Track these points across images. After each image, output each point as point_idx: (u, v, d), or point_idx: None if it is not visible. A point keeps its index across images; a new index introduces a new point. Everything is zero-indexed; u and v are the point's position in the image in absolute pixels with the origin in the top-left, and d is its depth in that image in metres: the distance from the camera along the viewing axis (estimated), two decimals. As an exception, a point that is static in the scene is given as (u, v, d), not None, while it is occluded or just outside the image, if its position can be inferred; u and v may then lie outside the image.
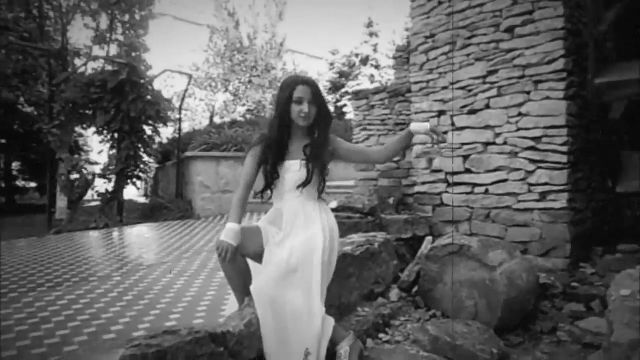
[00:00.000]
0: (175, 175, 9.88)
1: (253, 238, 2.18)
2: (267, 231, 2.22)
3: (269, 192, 2.27)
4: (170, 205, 9.12)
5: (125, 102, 8.56)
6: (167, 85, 15.30)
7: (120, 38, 11.44)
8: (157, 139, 10.06)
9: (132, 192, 12.85)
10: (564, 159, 3.49)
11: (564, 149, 3.49)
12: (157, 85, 10.56)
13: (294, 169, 2.19)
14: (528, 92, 3.65)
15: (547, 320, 2.75)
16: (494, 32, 3.84)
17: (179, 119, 10.78)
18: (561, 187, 3.51)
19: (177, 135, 10.58)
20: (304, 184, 2.17)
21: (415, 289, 3.05)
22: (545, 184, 3.57)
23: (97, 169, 9.94)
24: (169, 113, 10.20)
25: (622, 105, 3.89)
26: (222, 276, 3.76)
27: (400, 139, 2.31)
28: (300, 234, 2.13)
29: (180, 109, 10.82)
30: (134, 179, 9.49)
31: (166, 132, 11.99)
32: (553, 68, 3.53)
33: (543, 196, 3.59)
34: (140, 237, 6.86)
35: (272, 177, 2.21)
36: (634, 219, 4.36)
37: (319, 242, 2.11)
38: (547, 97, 3.55)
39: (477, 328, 2.41)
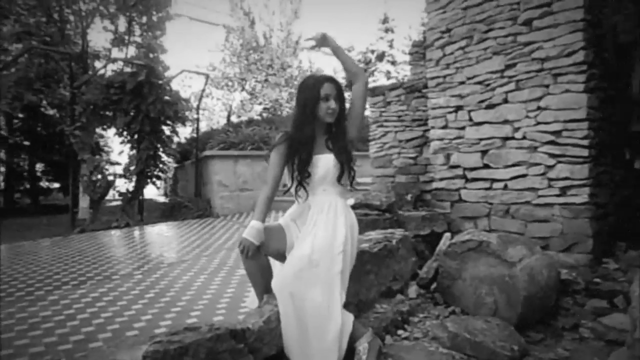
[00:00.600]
0: (194, 175, 9.99)
1: (275, 237, 2.22)
2: (290, 230, 2.26)
3: (300, 195, 2.27)
4: (189, 204, 9.23)
5: (145, 103, 8.68)
6: (184, 86, 15.48)
7: (138, 40, 11.61)
8: (175, 139, 10.17)
9: (153, 192, 13.06)
10: (585, 152, 3.43)
11: (585, 142, 3.43)
12: (175, 85, 10.69)
13: (322, 163, 2.21)
14: (547, 86, 3.60)
15: (569, 316, 2.72)
16: (512, 25, 3.79)
17: (197, 119, 10.89)
18: (582, 182, 3.45)
19: (195, 135, 10.69)
20: (341, 175, 2.20)
21: (434, 285, 3.05)
22: (566, 178, 3.52)
23: (118, 170, 10.12)
24: (187, 113, 10.31)
25: None
26: (242, 274, 3.81)
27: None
28: (322, 230, 2.15)
29: (198, 108, 10.93)
30: (154, 179, 9.62)
31: (184, 132, 12.15)
32: (573, 60, 3.47)
33: (564, 191, 3.54)
34: (161, 235, 6.96)
35: (303, 175, 2.22)
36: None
37: (340, 239, 2.13)
38: (567, 90, 3.49)
39: (497, 325, 2.39)
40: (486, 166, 3.99)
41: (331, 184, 2.23)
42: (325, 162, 2.21)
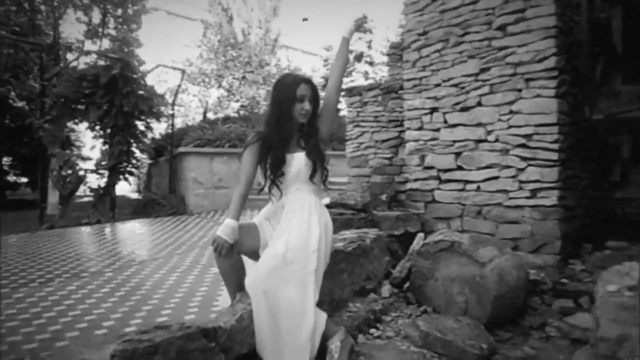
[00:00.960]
0: (168, 171, 9.85)
1: (249, 235, 2.21)
2: (263, 228, 2.25)
3: (274, 194, 2.27)
4: (163, 201, 9.09)
5: (118, 97, 8.51)
6: (160, 81, 15.19)
7: (113, 33, 11.37)
8: (150, 135, 10.01)
9: (125, 188, 12.82)
10: (554, 156, 3.52)
11: (555, 146, 3.52)
12: (150, 80, 10.53)
13: (295, 162, 2.22)
14: (520, 90, 3.68)
15: (536, 316, 2.79)
16: (487, 30, 3.86)
17: (172, 115, 10.74)
18: (552, 185, 3.54)
19: (170, 131, 10.54)
20: (313, 174, 2.21)
21: (406, 285, 3.08)
22: (536, 181, 3.60)
23: (89, 165, 9.89)
24: (162, 109, 10.16)
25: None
26: (215, 272, 3.77)
27: (340, 51, 2.44)
28: (296, 228, 2.15)
29: (173, 104, 10.77)
30: (127, 175, 9.45)
31: (159, 128, 11.95)
32: (545, 66, 3.55)
33: (534, 193, 3.62)
34: (133, 233, 6.83)
35: (276, 173, 2.22)
36: (623, 217, 4.40)
37: (314, 237, 2.14)
38: (539, 95, 3.58)
39: (467, 324, 2.44)
40: (460, 168, 4.06)
41: (304, 183, 2.23)
42: (297, 161, 2.21)
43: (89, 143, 10.29)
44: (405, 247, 3.74)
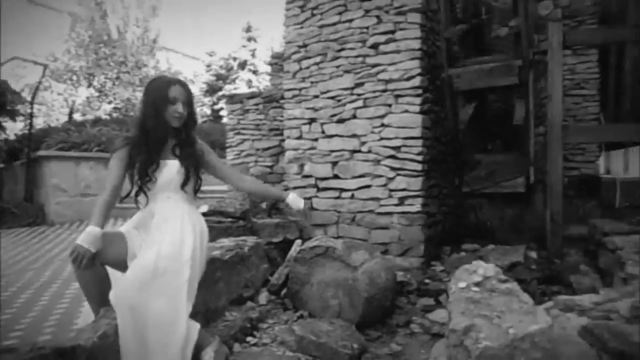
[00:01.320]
0: (24, 177, 8.76)
1: (114, 245, 2.04)
2: (132, 237, 2.10)
3: (140, 201, 2.15)
4: (16, 210, 8.05)
5: (-39, 90, 7.40)
6: (15, 76, 13.44)
7: (-43, 17, 9.87)
8: (2, 135, 8.84)
9: (-31, 196, 11.12)
10: (419, 167, 3.85)
11: (419, 158, 3.85)
12: (3, 75, 9.29)
13: (166, 169, 2.11)
14: (390, 105, 3.97)
15: (402, 314, 3.00)
16: (361, 47, 4.10)
17: (31, 114, 9.61)
18: (416, 193, 3.86)
19: (27, 132, 9.41)
20: (184, 184, 2.11)
21: (284, 291, 3.11)
22: (404, 189, 3.91)
23: None
24: (19, 107, 9.04)
25: (469, 109, 4.41)
26: (77, 287, 3.42)
27: (273, 192, 2.58)
28: (168, 237, 2.04)
29: (32, 102, 9.65)
30: (-29, 180, 8.23)
31: (14, 128, 10.60)
32: (411, 84, 3.89)
33: (402, 201, 3.92)
34: (-23, 247, 5.96)
35: (144, 179, 2.09)
36: (476, 221, 4.97)
37: (188, 247, 2.06)
38: (406, 111, 3.90)
39: (340, 326, 2.53)
40: (336, 177, 4.24)
41: (175, 191, 2.15)
42: (169, 169, 2.12)
43: None
44: (284, 254, 3.77)
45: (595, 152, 5.89)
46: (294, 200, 2.34)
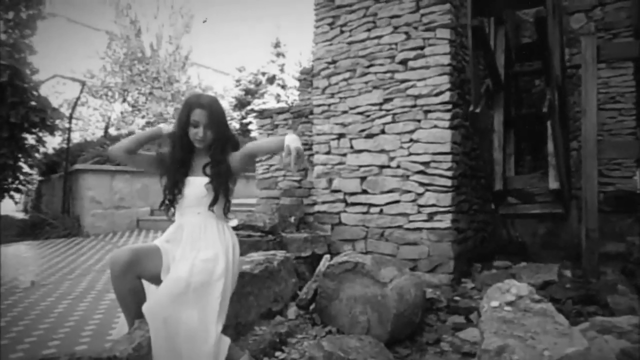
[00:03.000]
0: (62, 189, 9.09)
1: (151, 258, 2.10)
2: (166, 252, 2.16)
3: (172, 208, 2.24)
4: (54, 221, 8.34)
5: (5, 107, 7.76)
6: (55, 92, 13.99)
7: (3, 37, 10.37)
8: (41, 149, 9.21)
9: (9, 207, 11.58)
10: (448, 183, 3.82)
11: (449, 173, 3.82)
12: (44, 91, 9.69)
13: (195, 185, 2.18)
14: (419, 121, 3.96)
15: (432, 332, 2.96)
16: (390, 63, 4.13)
17: (69, 129, 9.99)
18: (446, 209, 3.83)
19: (65, 146, 9.77)
20: (212, 203, 2.16)
21: (312, 306, 3.12)
22: (433, 205, 3.88)
23: (-34, 180, 8.81)
24: (57, 122, 9.41)
25: (500, 138, 4.36)
26: (112, 298, 3.53)
27: (273, 141, 2.28)
28: (202, 252, 2.10)
29: (70, 117, 10.03)
30: (12, 192, 8.57)
31: (53, 142, 11.02)
32: (441, 100, 3.88)
33: (431, 217, 3.89)
34: (18, 257, 6.18)
35: (173, 193, 2.19)
36: (507, 238, 4.87)
37: (220, 261, 2.10)
38: (436, 126, 3.88)
39: (369, 342, 2.52)
40: (364, 192, 4.24)
41: (204, 207, 2.20)
42: (196, 185, 2.18)
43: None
44: (312, 269, 3.79)
45: (632, 167, 5.70)
46: (291, 140, 2.02)
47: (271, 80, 17.32)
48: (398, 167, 4.05)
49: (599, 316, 2.77)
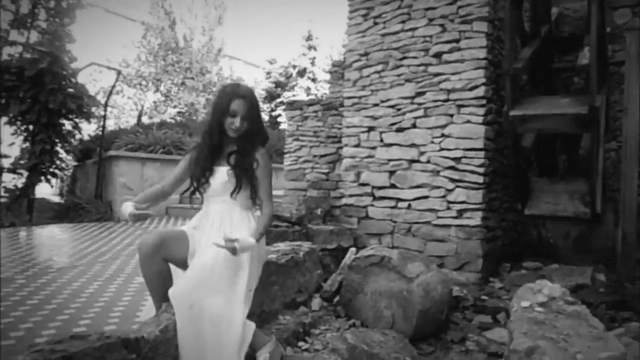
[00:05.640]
0: (95, 175, 9.34)
1: (178, 243, 2.14)
2: (193, 237, 2.19)
3: (199, 195, 2.27)
4: (87, 206, 8.58)
5: (44, 93, 8.00)
6: (92, 80, 14.34)
7: (43, 25, 10.68)
8: (77, 135, 9.48)
9: (46, 191, 11.98)
10: (480, 179, 3.73)
11: (481, 170, 3.74)
12: (81, 79, 9.94)
13: (220, 174, 2.20)
14: (451, 115, 3.88)
15: (457, 330, 2.91)
16: (424, 56, 4.05)
17: (104, 116, 10.24)
18: (476, 206, 3.75)
19: (100, 133, 10.02)
20: (234, 191, 2.18)
21: (337, 298, 3.11)
22: (463, 202, 3.80)
23: (6, 163, 9.13)
24: (93, 109, 9.66)
25: (532, 135, 4.25)
26: (140, 282, 3.61)
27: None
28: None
29: (106, 105, 10.28)
30: (49, 176, 8.86)
31: (88, 129, 11.33)
32: (475, 94, 3.79)
33: (460, 214, 3.81)
34: (52, 238, 6.39)
35: (199, 181, 2.23)
36: (538, 239, 4.74)
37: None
38: (468, 121, 3.80)
39: (393, 337, 2.49)
40: (393, 186, 4.19)
41: (229, 196, 2.21)
42: (221, 174, 2.21)
43: (8, 139, 9.47)
44: (337, 261, 3.78)
45: (675, 170, 5.46)
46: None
47: (302, 73, 17.32)
48: (428, 162, 3.98)
49: (635, 322, 2.67)
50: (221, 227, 2.17)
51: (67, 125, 8.90)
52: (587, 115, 3.43)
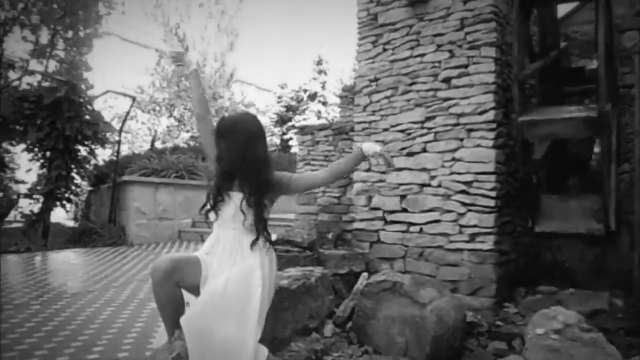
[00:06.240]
0: (109, 199, 9.46)
1: (191, 268, 2.15)
2: (206, 263, 2.20)
3: (213, 215, 2.23)
4: (101, 230, 8.68)
5: (61, 120, 8.20)
6: (108, 106, 14.69)
7: (61, 54, 11.00)
8: (92, 161, 9.65)
9: (60, 215, 12.14)
10: (491, 203, 3.72)
11: (493, 194, 3.73)
12: (97, 105, 10.17)
13: (233, 202, 2.19)
14: (462, 139, 3.90)
15: (472, 357, 2.87)
16: (433, 81, 4.10)
17: (119, 142, 10.42)
18: (489, 230, 3.73)
19: (114, 158, 10.20)
20: (245, 221, 2.18)
21: (349, 324, 3.09)
22: (475, 226, 3.78)
23: (23, 189, 9.30)
24: (108, 134, 9.85)
25: (544, 146, 4.22)
26: (153, 307, 3.62)
27: (350, 158, 2.37)
28: (238, 265, 2.13)
29: (120, 131, 10.48)
30: (64, 201, 9.00)
31: (103, 154, 11.52)
32: (484, 119, 3.81)
33: (472, 237, 3.79)
34: (66, 263, 6.46)
35: (215, 202, 2.21)
36: (553, 262, 4.67)
37: (257, 274, 2.12)
38: (479, 145, 3.81)
39: (406, 364, 2.47)
40: (404, 210, 4.19)
41: (239, 224, 2.20)
42: (233, 202, 2.17)
43: (25, 166, 9.68)
44: (349, 286, 3.76)
45: (691, 191, 5.38)
46: (369, 147, 2.28)
47: (312, 97, 17.54)
48: (439, 186, 3.99)
49: (654, 350, 2.61)
50: (231, 254, 2.18)
51: (83, 151, 9.08)
52: (597, 118, 3.42)
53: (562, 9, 5.25)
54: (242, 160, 2.16)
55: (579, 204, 4.10)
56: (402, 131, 4.26)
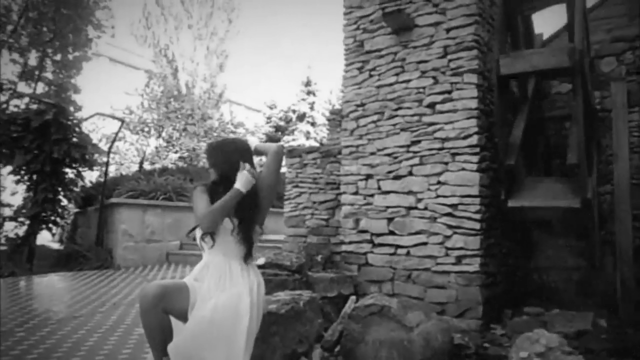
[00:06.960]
0: (97, 222, 9.38)
1: (179, 295, 2.15)
2: (194, 289, 2.21)
3: (206, 241, 2.24)
4: (88, 253, 8.56)
5: (48, 143, 8.18)
6: (96, 127, 14.66)
7: (50, 77, 11.02)
8: (80, 183, 9.59)
9: (46, 238, 11.97)
10: (477, 226, 3.79)
11: (477, 216, 3.80)
12: (85, 126, 10.16)
13: (225, 225, 2.22)
14: (447, 163, 3.99)
15: (459, 380, 2.89)
16: (418, 106, 4.21)
17: (107, 163, 10.37)
18: (475, 252, 3.79)
19: (102, 180, 10.13)
20: (248, 254, 2.22)
21: (337, 348, 3.10)
22: (461, 248, 3.84)
23: (8, 212, 9.18)
24: (96, 156, 9.82)
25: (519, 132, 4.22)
26: (141, 333, 3.59)
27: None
28: (226, 291, 2.14)
29: (109, 152, 10.44)
30: (50, 224, 8.90)
31: (91, 176, 11.45)
32: (468, 143, 3.91)
33: (459, 260, 3.85)
34: (51, 287, 6.37)
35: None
36: (540, 283, 4.74)
37: (245, 300, 2.13)
38: (463, 169, 3.90)
39: (394, 389, 2.48)
40: (392, 233, 4.24)
41: (230, 248, 2.23)
42: (223, 228, 2.20)
43: (10, 188, 9.58)
44: (338, 309, 3.78)
45: (670, 211, 5.52)
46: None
47: (301, 117, 17.69)
48: (425, 208, 4.05)
49: (637, 370, 2.66)
50: (220, 278, 2.20)
51: (70, 173, 9.03)
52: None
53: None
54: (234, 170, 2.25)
55: (557, 183, 4.05)
56: (388, 155, 4.34)
